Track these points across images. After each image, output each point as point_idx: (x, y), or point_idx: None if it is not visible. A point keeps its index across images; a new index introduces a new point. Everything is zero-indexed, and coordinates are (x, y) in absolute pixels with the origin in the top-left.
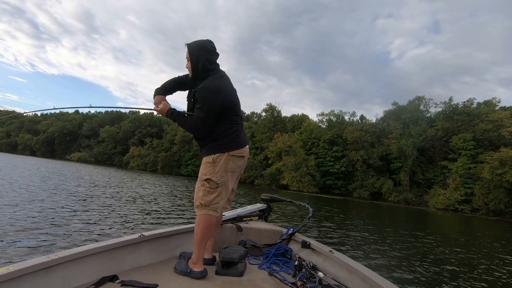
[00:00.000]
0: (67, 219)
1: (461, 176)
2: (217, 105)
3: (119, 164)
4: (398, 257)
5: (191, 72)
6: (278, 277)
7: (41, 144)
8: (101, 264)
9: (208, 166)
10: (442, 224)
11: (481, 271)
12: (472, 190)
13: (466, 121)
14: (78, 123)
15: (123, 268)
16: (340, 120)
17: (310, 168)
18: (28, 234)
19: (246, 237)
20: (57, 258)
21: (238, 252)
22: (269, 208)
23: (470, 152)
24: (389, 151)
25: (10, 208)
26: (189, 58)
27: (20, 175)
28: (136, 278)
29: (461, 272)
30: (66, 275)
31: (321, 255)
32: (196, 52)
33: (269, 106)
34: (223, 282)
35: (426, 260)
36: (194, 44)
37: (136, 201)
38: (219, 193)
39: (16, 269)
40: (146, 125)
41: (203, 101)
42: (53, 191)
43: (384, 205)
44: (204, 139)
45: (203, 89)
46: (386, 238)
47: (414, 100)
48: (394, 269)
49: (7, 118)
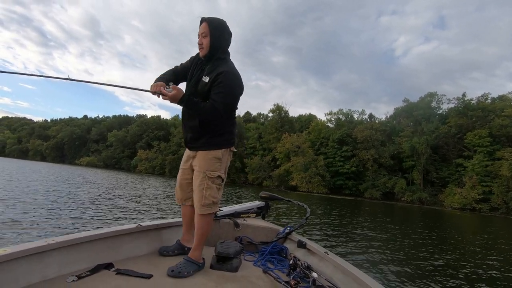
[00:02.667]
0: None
1: (478, 174)
2: (240, 93)
3: (127, 168)
4: (410, 262)
5: (207, 50)
6: (272, 275)
7: (51, 149)
8: (97, 252)
9: (216, 162)
10: (458, 224)
11: (501, 274)
12: (490, 189)
13: (481, 116)
14: (86, 128)
15: (119, 256)
16: (349, 119)
17: (319, 169)
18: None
19: (242, 233)
20: (54, 243)
21: (234, 247)
22: (267, 206)
23: (486, 148)
24: (401, 150)
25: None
26: (207, 34)
27: (37, 180)
28: (131, 268)
29: (479, 275)
30: (62, 260)
31: (316, 256)
32: (219, 31)
33: (276, 106)
34: (217, 277)
35: (439, 262)
36: (216, 21)
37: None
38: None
39: (12, 251)
40: (154, 128)
41: (230, 87)
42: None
43: (397, 206)
44: (210, 131)
45: (228, 73)
46: (402, 239)
47: (426, 96)
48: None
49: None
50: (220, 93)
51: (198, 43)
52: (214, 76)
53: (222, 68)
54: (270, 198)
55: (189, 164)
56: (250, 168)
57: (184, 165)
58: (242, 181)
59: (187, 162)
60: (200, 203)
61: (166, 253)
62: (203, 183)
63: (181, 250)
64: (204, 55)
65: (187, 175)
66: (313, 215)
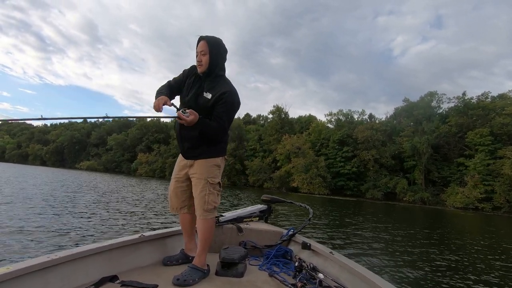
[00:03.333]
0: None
1: (480, 173)
2: (238, 108)
3: (127, 171)
4: (415, 262)
5: (206, 67)
6: (278, 278)
7: (51, 154)
8: (101, 264)
9: (216, 169)
10: (462, 224)
11: (506, 274)
12: (492, 188)
13: (482, 115)
14: (86, 132)
15: (123, 268)
16: (349, 120)
17: (320, 170)
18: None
19: (246, 238)
20: (57, 258)
21: (238, 252)
22: (269, 209)
23: (488, 147)
24: (402, 150)
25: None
26: (206, 52)
27: (36, 185)
28: (136, 279)
29: (484, 274)
30: (65, 275)
31: (322, 256)
32: (217, 49)
33: (276, 107)
34: (223, 283)
35: (444, 262)
36: (213, 39)
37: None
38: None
39: (15, 269)
40: (153, 131)
41: (232, 106)
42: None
43: (399, 206)
44: (207, 141)
45: (231, 93)
46: (406, 240)
47: (426, 96)
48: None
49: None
50: (226, 112)
51: (197, 60)
52: (219, 95)
53: (225, 88)
54: (272, 201)
55: (184, 173)
56: (250, 170)
57: (178, 174)
58: (242, 183)
59: (181, 171)
60: (202, 209)
61: (170, 263)
62: (205, 189)
63: (185, 260)
64: (203, 72)
65: (182, 183)
66: (315, 217)
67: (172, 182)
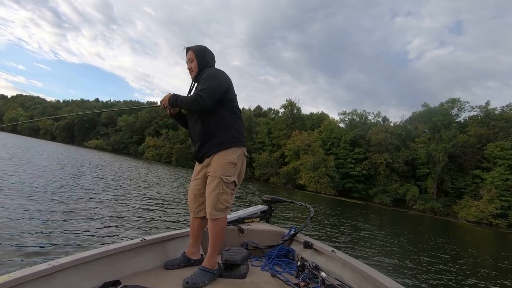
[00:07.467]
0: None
1: (498, 188)
2: (224, 81)
3: (134, 154)
4: (419, 270)
5: (195, 71)
6: (281, 278)
7: (62, 130)
8: (103, 269)
9: (231, 167)
10: (473, 238)
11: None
12: (509, 204)
13: (505, 127)
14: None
15: (126, 273)
16: (363, 121)
17: (329, 169)
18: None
19: (248, 238)
20: (59, 265)
21: (240, 254)
22: (270, 209)
23: (508, 161)
24: (416, 156)
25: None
26: (193, 59)
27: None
28: (139, 283)
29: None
30: (68, 281)
31: (324, 255)
32: (202, 53)
33: (289, 102)
34: (226, 285)
35: (448, 274)
36: (198, 47)
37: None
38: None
39: (17, 276)
40: (163, 115)
41: (211, 76)
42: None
43: (408, 214)
44: (213, 129)
45: (210, 69)
46: (413, 247)
47: (447, 102)
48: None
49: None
50: (203, 83)
51: (188, 68)
52: (200, 78)
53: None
54: (272, 201)
55: (202, 173)
56: (257, 163)
57: (196, 176)
58: (248, 176)
59: (199, 173)
60: (214, 208)
61: (172, 267)
62: (218, 187)
63: (187, 263)
64: (194, 76)
65: (200, 185)
66: (318, 217)
67: (191, 184)
